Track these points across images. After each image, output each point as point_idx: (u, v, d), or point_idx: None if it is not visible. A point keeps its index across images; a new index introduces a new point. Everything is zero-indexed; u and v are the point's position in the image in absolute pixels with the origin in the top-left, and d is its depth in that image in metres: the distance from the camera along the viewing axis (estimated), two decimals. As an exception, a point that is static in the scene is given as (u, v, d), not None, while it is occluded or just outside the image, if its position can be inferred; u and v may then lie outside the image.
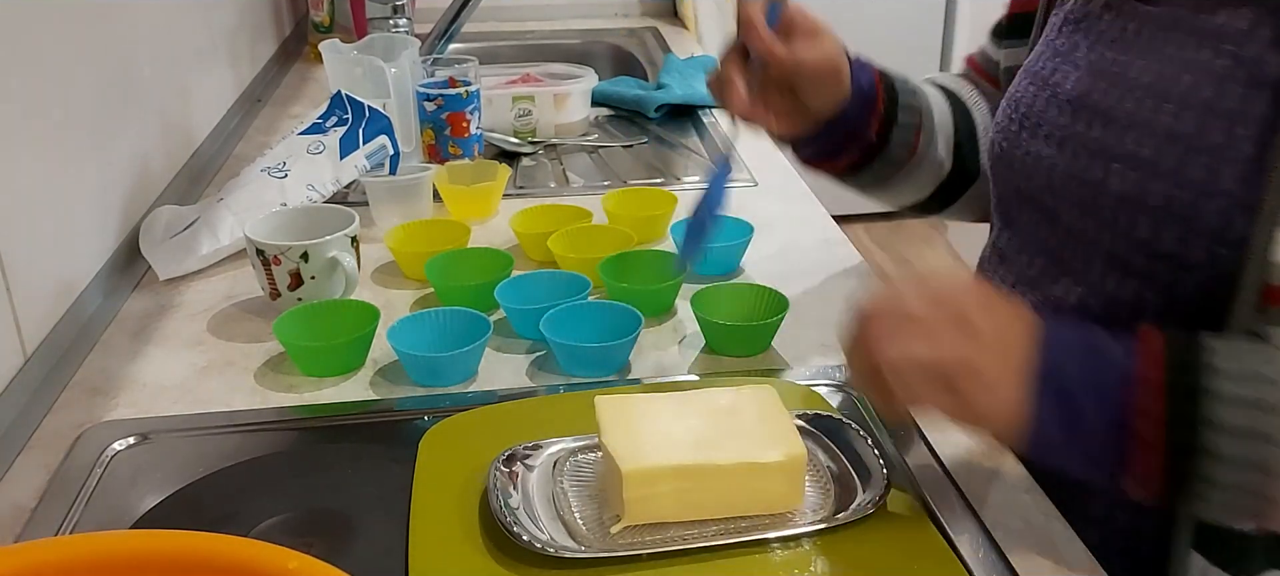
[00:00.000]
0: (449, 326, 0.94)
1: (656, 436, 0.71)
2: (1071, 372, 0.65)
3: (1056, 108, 0.81)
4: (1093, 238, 0.78)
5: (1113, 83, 0.77)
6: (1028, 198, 0.84)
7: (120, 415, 0.88)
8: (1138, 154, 0.73)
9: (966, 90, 1.03)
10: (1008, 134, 0.86)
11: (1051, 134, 0.81)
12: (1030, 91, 0.84)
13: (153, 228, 1.15)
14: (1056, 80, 0.82)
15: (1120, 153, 0.74)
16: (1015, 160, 0.85)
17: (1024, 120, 0.84)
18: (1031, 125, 0.83)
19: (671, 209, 1.20)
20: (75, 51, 1.06)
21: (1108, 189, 0.75)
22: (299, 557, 0.50)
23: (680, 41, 2.20)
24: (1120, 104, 0.76)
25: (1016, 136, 0.85)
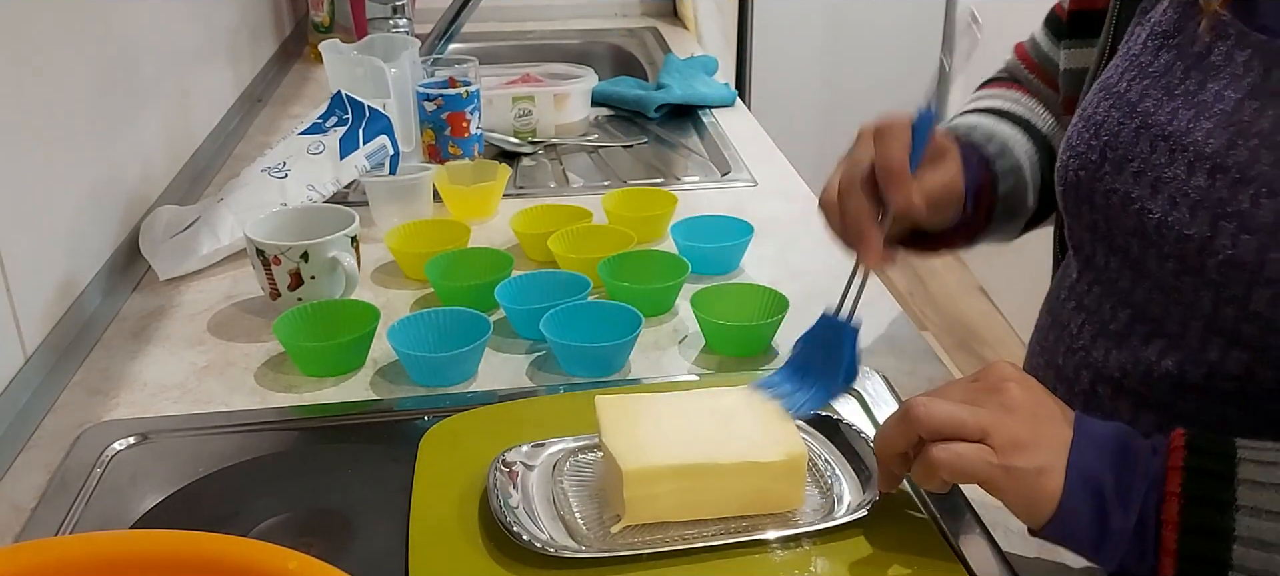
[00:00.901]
0: (449, 326, 0.94)
1: (656, 436, 0.71)
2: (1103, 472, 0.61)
3: (1149, 143, 0.70)
4: (1191, 299, 0.68)
5: (1220, 123, 0.66)
6: (1111, 241, 0.75)
7: (120, 415, 0.88)
8: (1255, 215, 0.63)
9: (1037, 113, 0.94)
10: (1087, 164, 0.76)
11: (1142, 172, 0.70)
12: (1114, 116, 0.74)
13: (153, 228, 1.15)
14: (1147, 108, 0.72)
15: (1234, 210, 0.64)
16: (1097, 195, 0.75)
17: (1107, 150, 0.74)
18: (1117, 158, 0.73)
19: (671, 209, 1.20)
20: (75, 51, 1.06)
21: (1214, 249, 0.65)
22: (299, 557, 0.50)
23: (680, 41, 2.20)
24: (1231, 151, 0.65)
25: (1098, 168, 0.74)
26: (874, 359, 0.96)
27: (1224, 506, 0.57)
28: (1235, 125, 0.66)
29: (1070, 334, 0.80)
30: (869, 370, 0.93)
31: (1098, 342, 0.76)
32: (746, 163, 1.46)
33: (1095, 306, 0.77)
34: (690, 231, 1.13)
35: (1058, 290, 0.84)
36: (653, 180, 1.41)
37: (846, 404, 0.88)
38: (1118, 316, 0.75)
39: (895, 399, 0.89)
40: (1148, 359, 0.72)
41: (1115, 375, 0.74)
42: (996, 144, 0.88)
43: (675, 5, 2.43)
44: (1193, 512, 0.58)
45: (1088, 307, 0.78)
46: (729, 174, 1.43)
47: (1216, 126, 0.67)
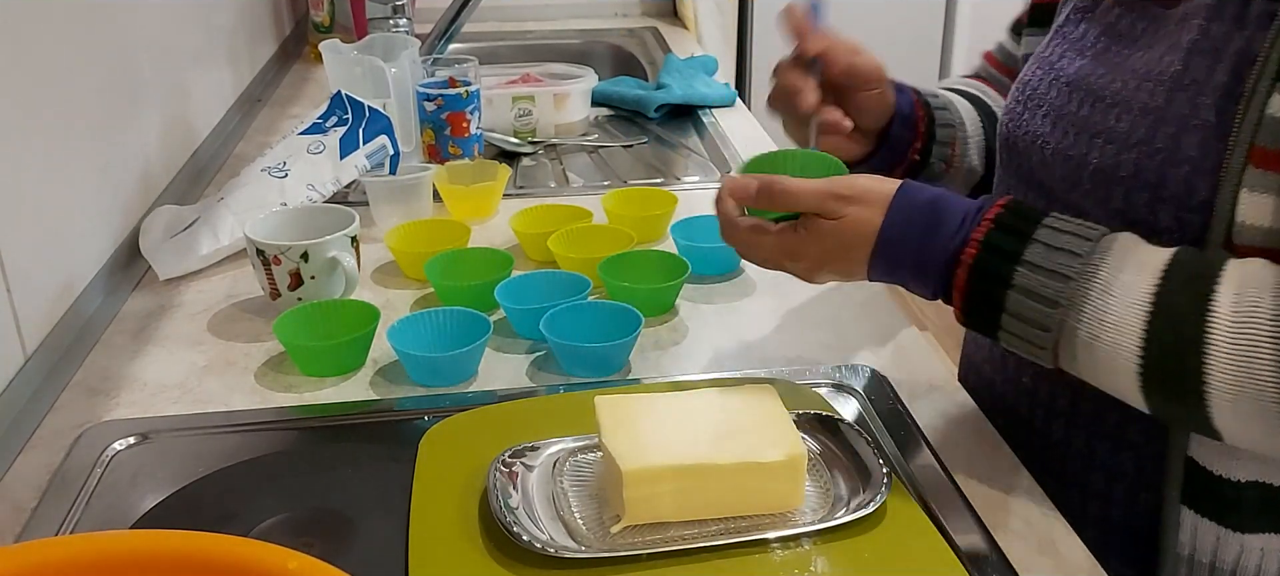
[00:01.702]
0: (449, 326, 0.94)
1: (656, 436, 0.71)
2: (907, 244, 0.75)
3: (1056, 90, 0.84)
4: (1078, 210, 0.79)
5: (1108, 67, 0.80)
6: (1025, 175, 0.86)
7: (120, 415, 0.88)
8: (1115, 128, 0.77)
9: (989, 93, 1.04)
10: (1012, 114, 0.88)
11: (1048, 113, 0.84)
12: (1037, 75, 0.87)
13: (153, 228, 1.15)
14: (1062, 65, 0.84)
15: (1102, 128, 0.78)
16: (1017, 140, 0.87)
17: (1028, 101, 0.87)
18: (1032, 106, 0.86)
19: (671, 209, 1.20)
20: (75, 51, 1.06)
21: (1088, 163, 0.78)
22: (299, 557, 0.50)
23: (680, 41, 2.20)
24: (1110, 84, 0.79)
25: (1019, 117, 0.87)
26: (874, 358, 0.96)
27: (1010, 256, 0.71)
28: (1113, 65, 0.80)
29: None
30: (869, 369, 0.93)
31: None
32: (746, 163, 1.46)
33: None
34: (690, 231, 1.13)
35: None
36: (653, 180, 1.41)
37: (847, 404, 0.88)
38: None
39: (895, 399, 0.89)
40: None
41: None
42: (940, 100, 0.98)
43: (675, 5, 2.43)
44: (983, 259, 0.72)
45: None
46: (729, 174, 1.43)
47: (1103, 69, 0.80)
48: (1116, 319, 0.67)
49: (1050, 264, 0.70)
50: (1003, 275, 0.71)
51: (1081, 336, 0.69)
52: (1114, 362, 0.68)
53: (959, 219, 0.74)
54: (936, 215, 0.74)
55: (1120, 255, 0.69)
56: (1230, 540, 0.75)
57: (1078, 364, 0.71)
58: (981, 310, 0.73)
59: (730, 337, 0.99)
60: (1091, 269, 0.69)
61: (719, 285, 1.10)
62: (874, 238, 0.75)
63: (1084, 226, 0.71)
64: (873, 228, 0.75)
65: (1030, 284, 0.70)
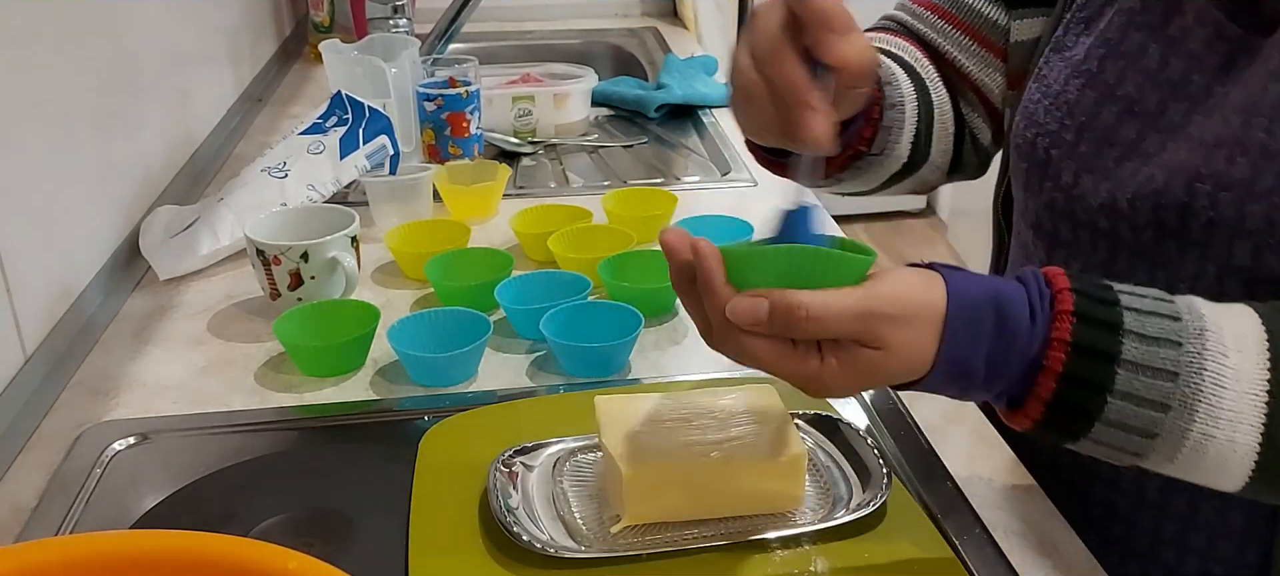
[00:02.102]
0: (449, 326, 0.94)
1: (656, 436, 0.71)
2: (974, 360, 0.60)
3: (1128, 123, 0.72)
4: (1173, 264, 0.70)
5: (1192, 99, 0.70)
6: (1073, 216, 0.76)
7: (120, 415, 0.88)
8: (1229, 174, 0.66)
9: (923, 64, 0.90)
10: (1060, 142, 0.76)
11: (1121, 150, 0.72)
12: (1089, 97, 0.75)
13: (153, 228, 1.15)
14: (1126, 92, 0.73)
15: (1208, 172, 0.67)
16: (1065, 173, 0.75)
17: (1084, 131, 0.75)
18: (1094, 138, 0.74)
19: (671, 209, 1.20)
20: (75, 51, 1.06)
21: (1194, 212, 0.67)
22: (299, 557, 0.50)
23: (680, 41, 2.20)
24: (1205, 120, 0.68)
25: (1072, 148, 0.75)
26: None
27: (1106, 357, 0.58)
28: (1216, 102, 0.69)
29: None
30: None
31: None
32: (746, 163, 1.46)
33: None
34: (690, 231, 1.13)
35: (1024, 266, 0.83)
36: (653, 180, 1.41)
37: (846, 404, 0.88)
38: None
39: (896, 400, 0.89)
40: None
41: None
42: (886, 72, 0.84)
43: (675, 5, 2.43)
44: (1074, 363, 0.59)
45: None
46: (729, 174, 1.43)
47: (1198, 110, 0.69)
48: (1232, 414, 0.58)
49: (1153, 360, 0.58)
50: (1100, 381, 0.58)
51: (1192, 437, 0.59)
52: (1226, 460, 0.59)
53: (1026, 313, 0.59)
54: (1001, 317, 0.59)
55: (1215, 335, 0.59)
56: None
57: (1177, 462, 0.60)
58: (1067, 420, 0.60)
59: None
60: (1196, 359, 0.58)
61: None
62: (929, 364, 0.60)
63: (1160, 301, 0.60)
64: (927, 355, 0.59)
65: (1133, 387, 0.58)
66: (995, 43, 0.89)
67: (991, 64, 0.89)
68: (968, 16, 0.90)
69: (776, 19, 0.62)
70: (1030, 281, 0.61)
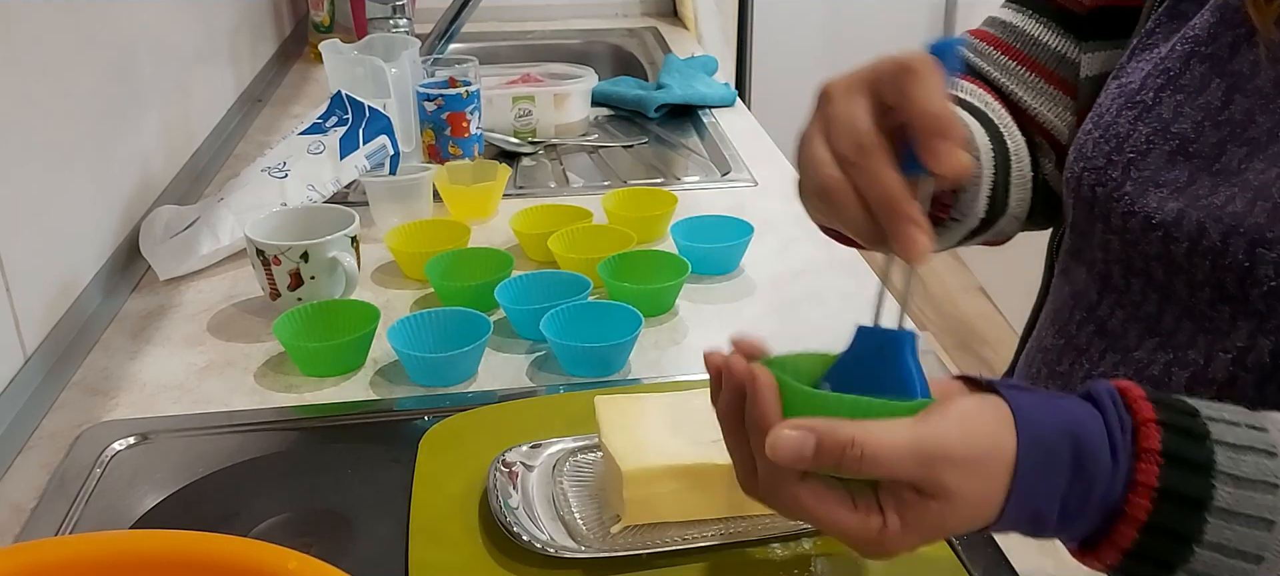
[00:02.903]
0: (449, 326, 0.94)
1: (656, 436, 0.71)
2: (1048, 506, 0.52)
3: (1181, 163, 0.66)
4: (1224, 331, 0.64)
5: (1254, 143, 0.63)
6: (1129, 262, 0.70)
7: (120, 415, 0.88)
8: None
9: (995, 109, 0.83)
10: (1105, 180, 0.70)
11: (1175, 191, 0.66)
12: (1141, 132, 0.69)
13: (153, 228, 1.15)
14: (1182, 129, 0.67)
15: (1275, 237, 0.61)
16: (1114, 215, 0.69)
17: (1131, 168, 0.68)
18: (1144, 178, 0.68)
19: (671, 209, 1.20)
20: (75, 52, 1.06)
21: (1257, 281, 0.62)
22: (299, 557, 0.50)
23: (680, 41, 2.20)
24: (1266, 169, 0.62)
25: (1118, 187, 0.69)
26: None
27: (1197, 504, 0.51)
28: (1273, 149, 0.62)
29: (1090, 360, 0.73)
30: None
31: (1119, 371, 0.70)
32: (746, 163, 1.46)
33: (1120, 332, 0.71)
34: (690, 231, 1.13)
35: (1070, 309, 0.76)
36: (653, 180, 1.41)
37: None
38: (1144, 345, 0.69)
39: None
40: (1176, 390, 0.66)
41: None
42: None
43: (675, 5, 2.43)
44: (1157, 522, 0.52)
45: (1111, 332, 0.72)
46: (729, 174, 1.43)
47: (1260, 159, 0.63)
48: None
49: (1247, 507, 0.51)
50: (1187, 532, 0.51)
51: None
52: None
53: (1106, 452, 0.52)
54: (1078, 456, 0.52)
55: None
56: None
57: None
58: (1147, 569, 0.53)
59: (730, 338, 0.99)
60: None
61: (719, 285, 1.10)
62: (997, 512, 0.52)
63: (1253, 431, 0.53)
64: (995, 503, 0.52)
65: (1224, 537, 0.51)
66: (1065, 79, 0.81)
67: (1061, 102, 0.82)
68: (1034, 51, 0.83)
69: (862, 111, 0.53)
70: (1108, 408, 0.53)
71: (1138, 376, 0.68)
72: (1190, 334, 0.66)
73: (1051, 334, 0.78)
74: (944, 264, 3.39)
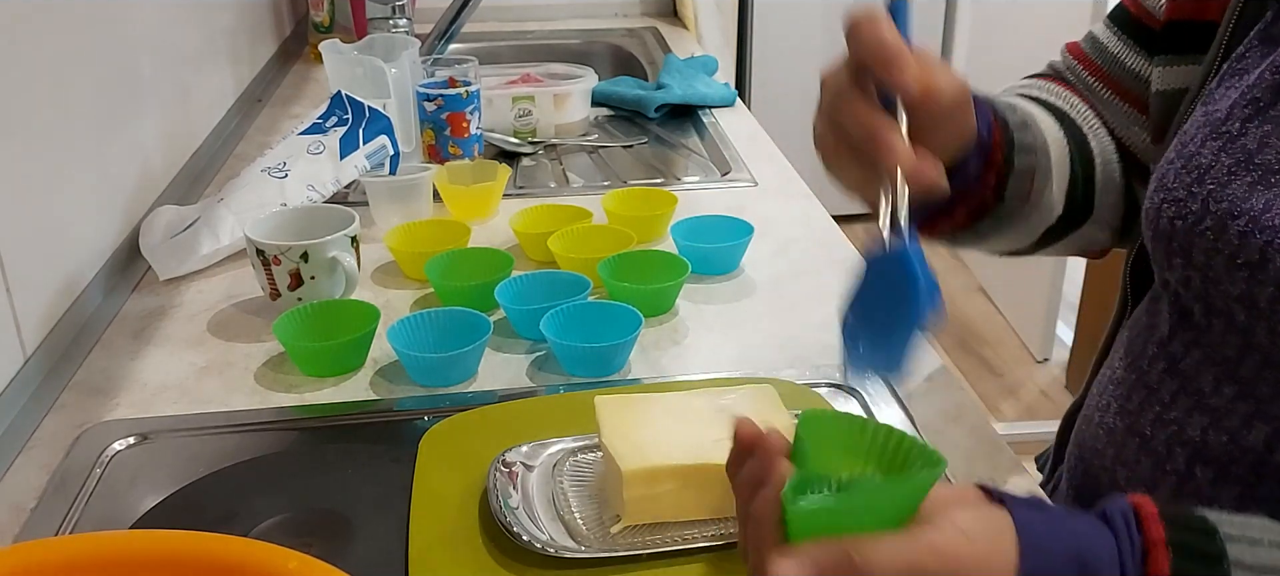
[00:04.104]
0: (449, 326, 0.94)
1: (656, 436, 0.71)
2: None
3: (1259, 193, 0.61)
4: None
5: None
6: (1209, 301, 0.65)
7: (120, 415, 0.88)
8: None
9: (1079, 110, 0.82)
10: (1184, 213, 0.65)
11: (1262, 232, 0.60)
12: (1223, 163, 0.64)
13: (153, 228, 1.15)
14: (1267, 160, 0.62)
15: None
16: (1195, 251, 0.65)
17: (1211, 201, 0.64)
18: (1221, 212, 0.63)
19: (671, 209, 1.20)
20: (75, 51, 1.06)
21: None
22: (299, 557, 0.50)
23: (680, 41, 2.20)
24: None
25: (1198, 221, 0.64)
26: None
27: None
28: None
29: (1162, 401, 0.69)
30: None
31: (1193, 417, 0.66)
32: (746, 163, 1.46)
33: (1193, 374, 0.67)
34: (690, 231, 1.13)
35: (1143, 343, 0.72)
36: (653, 180, 1.41)
37: (846, 404, 0.88)
38: (1221, 391, 0.65)
39: (896, 399, 0.89)
40: (1253, 445, 0.63)
41: (1218, 456, 0.64)
42: (1019, 116, 0.74)
43: (675, 5, 2.43)
44: None
45: (1184, 373, 0.67)
46: (729, 174, 1.43)
47: None
48: None
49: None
50: None
51: None
52: None
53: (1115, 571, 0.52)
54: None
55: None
56: None
57: None
58: None
59: (730, 337, 0.99)
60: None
61: (719, 285, 1.10)
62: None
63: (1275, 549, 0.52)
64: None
65: None
66: (1140, 97, 0.79)
67: (1135, 119, 0.80)
68: (1109, 66, 0.82)
69: (842, 74, 0.61)
70: (1121, 529, 0.52)
71: (1215, 425, 0.64)
72: (1273, 386, 0.62)
73: (1123, 367, 0.74)
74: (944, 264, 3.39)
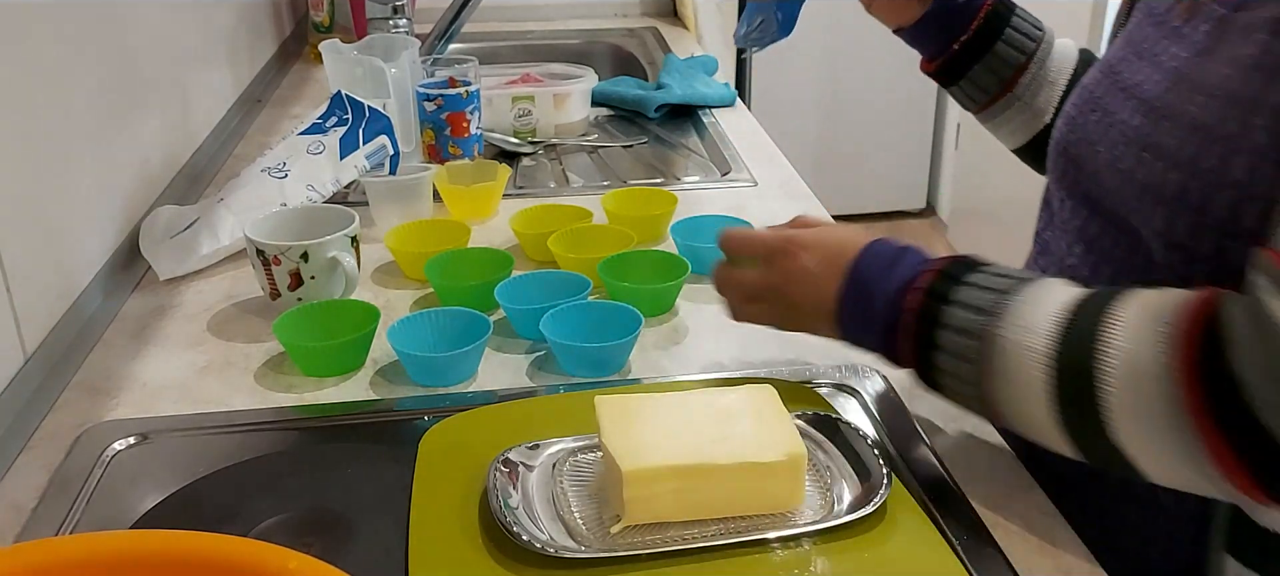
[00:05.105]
0: (449, 326, 0.94)
1: (656, 436, 0.71)
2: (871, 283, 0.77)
3: (1113, 97, 0.80)
4: (1125, 227, 0.77)
5: (1167, 77, 0.75)
6: (1073, 186, 0.84)
7: (120, 415, 0.88)
8: (1165, 144, 0.72)
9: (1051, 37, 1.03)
10: (1068, 119, 0.85)
11: (1102, 120, 0.80)
12: (1099, 81, 0.83)
13: (153, 228, 1.15)
14: (1122, 71, 0.81)
15: (1152, 143, 0.73)
16: (1070, 147, 0.83)
17: (1084, 106, 0.83)
18: (1088, 111, 0.82)
19: (671, 209, 1.20)
20: (75, 51, 1.06)
21: (1134, 179, 0.74)
22: (299, 557, 0.50)
23: (680, 41, 2.20)
24: (1165, 96, 0.74)
25: (1075, 122, 0.83)
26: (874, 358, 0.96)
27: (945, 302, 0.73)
28: (1173, 75, 0.74)
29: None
30: (869, 369, 0.93)
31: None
32: (746, 163, 1.46)
33: (1056, 242, 0.86)
34: (690, 231, 1.13)
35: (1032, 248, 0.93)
36: (653, 180, 1.41)
37: (847, 404, 0.88)
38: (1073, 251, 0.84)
39: (896, 399, 0.89)
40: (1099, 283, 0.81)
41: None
42: (1033, 23, 0.99)
43: (675, 5, 2.43)
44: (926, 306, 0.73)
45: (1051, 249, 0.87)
46: (729, 174, 1.43)
47: (1159, 76, 0.76)
48: (1029, 323, 0.68)
49: (975, 300, 0.71)
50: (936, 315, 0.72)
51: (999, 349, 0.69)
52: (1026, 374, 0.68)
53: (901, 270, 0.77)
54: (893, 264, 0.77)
55: (1044, 284, 0.71)
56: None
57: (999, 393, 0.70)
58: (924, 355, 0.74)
59: (730, 337, 0.99)
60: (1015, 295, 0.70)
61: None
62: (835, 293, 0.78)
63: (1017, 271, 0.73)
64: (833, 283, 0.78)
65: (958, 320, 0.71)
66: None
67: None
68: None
69: None
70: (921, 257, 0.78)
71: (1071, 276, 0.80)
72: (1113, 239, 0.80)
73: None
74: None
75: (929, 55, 1.05)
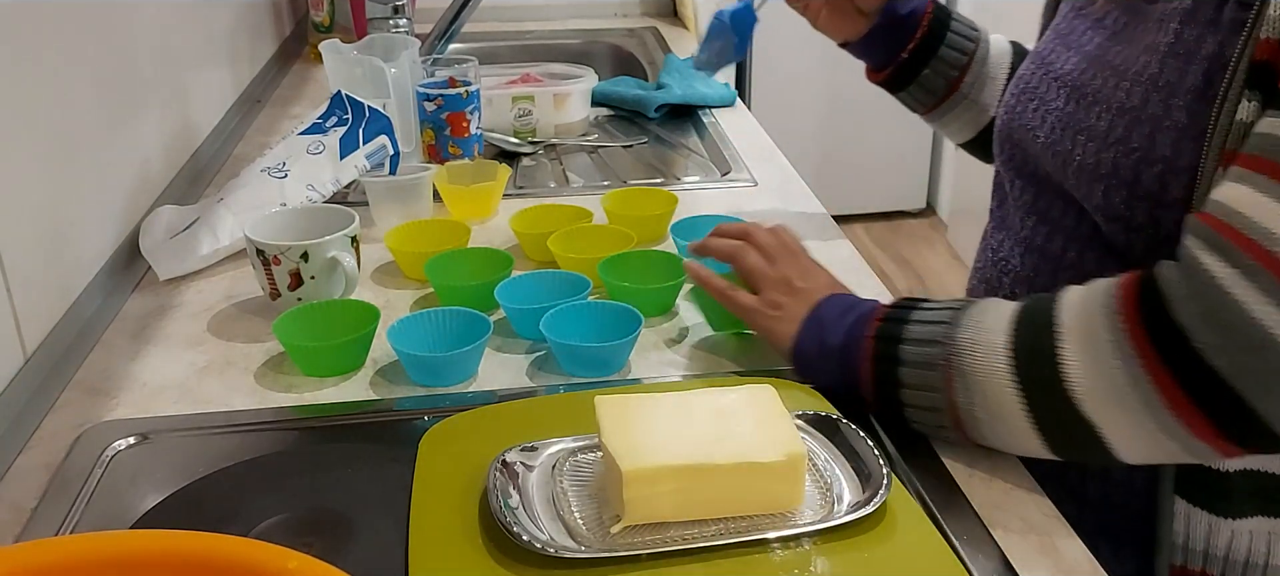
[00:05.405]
0: (449, 326, 0.94)
1: (656, 436, 0.71)
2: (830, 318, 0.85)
3: (1047, 85, 0.88)
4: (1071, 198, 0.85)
5: (1092, 64, 0.84)
6: (1020, 167, 0.91)
7: (120, 415, 0.88)
8: (1095, 126, 0.81)
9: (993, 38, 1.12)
10: (1008, 108, 0.93)
11: (1039, 108, 0.88)
12: (1032, 72, 0.91)
13: (153, 228, 1.15)
14: (1052, 60, 0.89)
15: (1084, 126, 0.82)
16: (1013, 132, 0.91)
17: (1022, 96, 0.91)
18: (1026, 99, 0.90)
19: (672, 209, 1.20)
20: (75, 52, 1.06)
21: (1072, 159, 0.82)
22: (299, 557, 0.50)
23: (680, 41, 2.20)
24: (1092, 82, 0.83)
25: (1014, 110, 0.91)
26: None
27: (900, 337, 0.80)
28: (1097, 62, 0.83)
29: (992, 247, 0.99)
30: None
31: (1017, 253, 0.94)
32: (746, 163, 1.46)
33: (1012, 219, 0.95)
34: (690, 231, 1.13)
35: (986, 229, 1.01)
36: (653, 180, 1.41)
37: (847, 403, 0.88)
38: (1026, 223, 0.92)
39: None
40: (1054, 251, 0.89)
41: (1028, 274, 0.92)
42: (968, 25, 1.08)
43: (675, 5, 2.43)
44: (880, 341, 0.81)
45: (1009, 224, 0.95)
46: (729, 174, 1.43)
47: (1088, 66, 0.84)
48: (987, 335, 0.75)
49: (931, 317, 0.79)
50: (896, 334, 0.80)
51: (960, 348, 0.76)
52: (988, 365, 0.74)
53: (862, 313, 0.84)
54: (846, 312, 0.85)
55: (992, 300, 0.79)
56: (1222, 526, 0.79)
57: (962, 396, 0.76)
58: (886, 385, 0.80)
59: (730, 337, 0.99)
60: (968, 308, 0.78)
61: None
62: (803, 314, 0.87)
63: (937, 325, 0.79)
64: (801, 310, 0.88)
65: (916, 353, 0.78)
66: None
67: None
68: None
69: None
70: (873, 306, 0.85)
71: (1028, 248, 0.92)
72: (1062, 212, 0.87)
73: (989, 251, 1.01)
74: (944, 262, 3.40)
75: (876, 65, 1.13)
